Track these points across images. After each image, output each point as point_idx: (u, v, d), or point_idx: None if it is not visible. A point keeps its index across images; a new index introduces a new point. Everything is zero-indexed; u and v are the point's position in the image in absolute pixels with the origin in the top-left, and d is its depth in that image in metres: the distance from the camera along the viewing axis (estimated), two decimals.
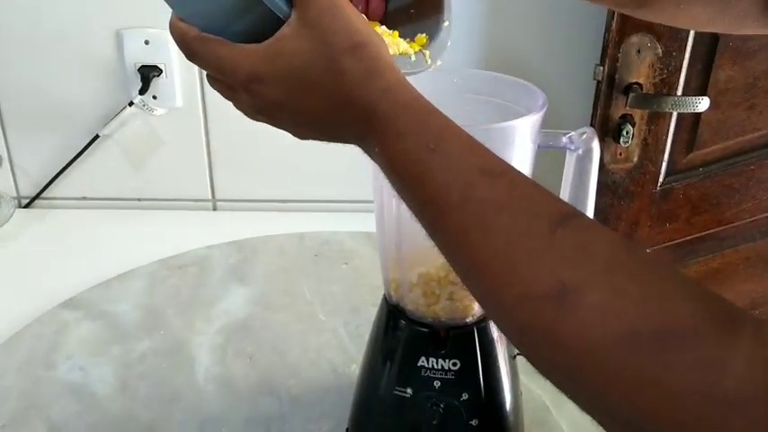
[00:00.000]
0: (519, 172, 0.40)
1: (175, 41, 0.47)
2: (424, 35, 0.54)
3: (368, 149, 0.44)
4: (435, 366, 0.61)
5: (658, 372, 0.32)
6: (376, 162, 0.44)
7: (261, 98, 0.45)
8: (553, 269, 0.36)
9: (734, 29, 0.59)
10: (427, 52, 0.53)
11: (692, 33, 1.04)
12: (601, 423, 0.36)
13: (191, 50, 0.46)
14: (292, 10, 0.43)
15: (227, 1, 0.44)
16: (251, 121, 0.50)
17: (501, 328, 0.40)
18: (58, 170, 1.20)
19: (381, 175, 0.59)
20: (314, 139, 0.47)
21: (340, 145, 0.47)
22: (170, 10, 0.47)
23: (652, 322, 0.33)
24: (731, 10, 0.58)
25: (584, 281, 0.35)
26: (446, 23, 0.54)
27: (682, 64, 1.06)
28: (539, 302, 0.36)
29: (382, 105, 0.42)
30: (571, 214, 0.38)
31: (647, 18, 0.62)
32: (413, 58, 0.52)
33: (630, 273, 0.36)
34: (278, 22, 0.44)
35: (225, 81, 0.46)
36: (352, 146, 0.47)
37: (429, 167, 0.41)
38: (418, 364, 0.61)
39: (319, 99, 0.43)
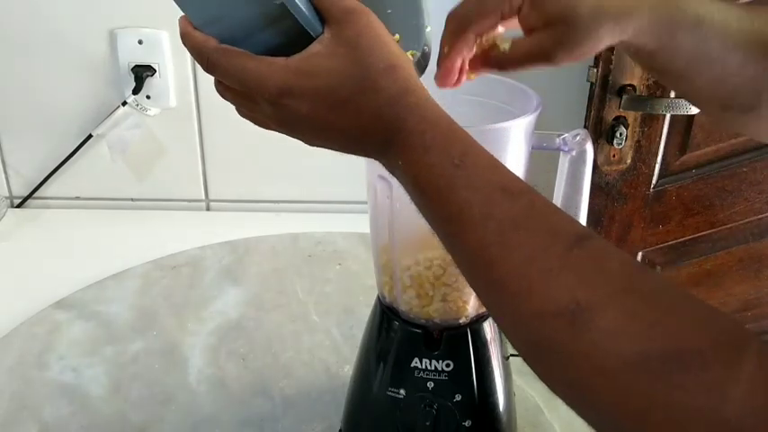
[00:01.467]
0: (537, 193, 0.41)
1: (191, 52, 0.46)
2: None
3: (389, 163, 0.45)
4: (429, 367, 0.61)
5: (665, 395, 0.33)
6: (396, 176, 0.45)
7: (289, 112, 0.45)
8: (568, 288, 0.37)
9: None
10: (418, 58, 0.52)
11: None
12: None
13: (211, 62, 0.45)
14: (325, 27, 0.44)
15: (253, 11, 0.43)
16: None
17: (515, 344, 0.41)
18: (50, 170, 1.19)
19: (375, 176, 0.59)
20: (329, 149, 0.47)
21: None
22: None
23: (661, 345, 0.34)
24: None
25: (598, 301, 0.36)
26: (428, 29, 0.54)
27: None
28: (553, 320, 0.37)
29: (411, 121, 0.43)
30: (587, 235, 0.39)
31: (745, 129, 0.59)
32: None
33: (643, 295, 0.36)
34: (304, 38, 0.43)
35: (246, 93, 0.46)
36: None
37: (453, 182, 0.41)
38: (411, 365, 0.61)
39: (350, 116, 0.44)
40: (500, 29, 0.53)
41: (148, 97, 1.15)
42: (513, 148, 0.56)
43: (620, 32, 0.49)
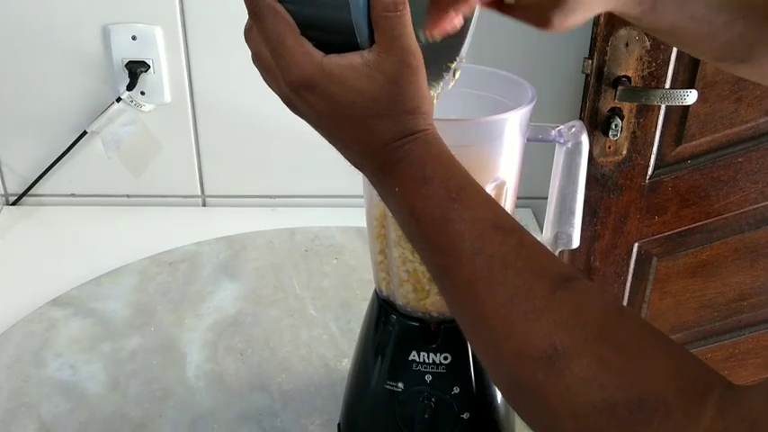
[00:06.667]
0: (527, 232, 0.43)
1: None
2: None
3: (384, 187, 0.46)
4: (426, 360, 0.61)
5: None
6: (388, 201, 0.46)
7: (303, 102, 0.45)
8: (548, 331, 0.38)
9: None
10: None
11: None
12: None
13: (259, 13, 0.44)
14: (376, 48, 0.43)
15: None
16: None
17: (496, 381, 0.42)
18: (45, 167, 1.19)
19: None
20: (326, 139, 0.47)
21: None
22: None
23: (628, 394, 0.36)
24: None
25: (575, 348, 0.38)
26: (463, 61, 0.57)
27: (670, 57, 1.06)
28: (532, 363, 0.38)
29: (416, 152, 0.44)
30: (571, 277, 0.40)
31: (743, 74, 0.62)
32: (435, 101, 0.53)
33: (617, 342, 0.38)
34: (350, 39, 0.43)
35: (272, 65, 0.45)
36: None
37: (448, 215, 0.42)
38: (409, 359, 0.61)
39: (360, 133, 0.45)
40: None
41: (143, 93, 1.14)
42: (508, 140, 0.56)
43: (606, 2, 0.54)
